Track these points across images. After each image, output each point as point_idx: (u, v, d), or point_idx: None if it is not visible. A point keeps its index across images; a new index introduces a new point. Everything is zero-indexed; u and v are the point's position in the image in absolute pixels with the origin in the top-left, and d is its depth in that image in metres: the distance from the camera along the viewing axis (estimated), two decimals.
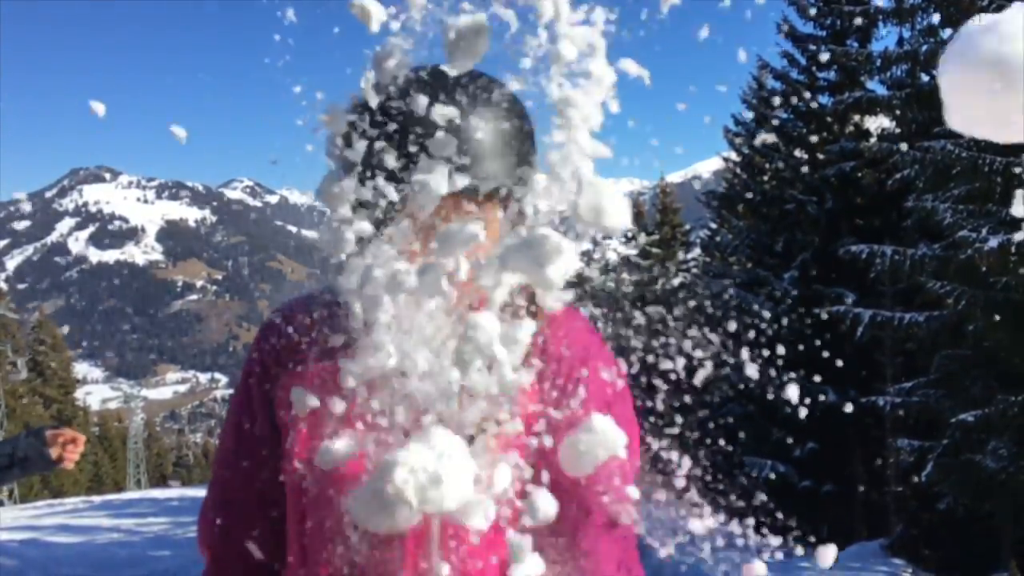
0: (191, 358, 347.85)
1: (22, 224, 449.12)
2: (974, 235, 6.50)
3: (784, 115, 15.61)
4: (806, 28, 15.21)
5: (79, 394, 47.85)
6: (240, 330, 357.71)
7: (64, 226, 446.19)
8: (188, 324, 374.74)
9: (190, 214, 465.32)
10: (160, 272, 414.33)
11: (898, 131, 12.93)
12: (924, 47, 10.81)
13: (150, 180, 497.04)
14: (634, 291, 23.57)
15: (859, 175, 13.89)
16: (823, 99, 15.09)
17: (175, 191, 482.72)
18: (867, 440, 13.45)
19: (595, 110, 1.01)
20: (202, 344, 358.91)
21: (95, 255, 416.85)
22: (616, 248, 26.32)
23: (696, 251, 23.44)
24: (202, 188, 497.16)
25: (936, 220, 7.42)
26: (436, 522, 1.10)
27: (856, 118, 14.58)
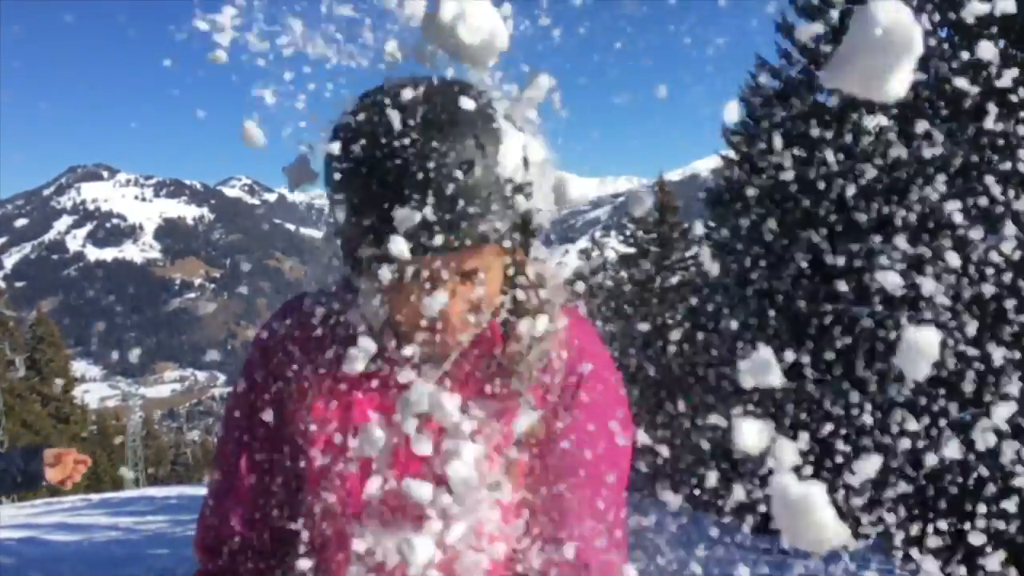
0: (189, 356, 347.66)
1: (20, 222, 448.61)
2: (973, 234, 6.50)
3: (782, 113, 15.62)
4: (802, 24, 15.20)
5: (77, 392, 47.81)
6: (238, 328, 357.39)
7: (62, 224, 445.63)
8: (186, 322, 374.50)
9: (188, 212, 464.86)
10: (158, 270, 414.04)
11: (896, 129, 12.93)
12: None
13: (148, 178, 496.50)
14: (633, 289, 23.56)
15: (858, 173, 13.91)
16: (821, 97, 15.10)
17: (173, 189, 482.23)
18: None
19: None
20: (201, 342, 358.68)
21: (93, 253, 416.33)
22: (615, 246, 26.31)
23: (695, 249, 23.43)
24: (200, 186, 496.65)
25: (935, 219, 7.43)
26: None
27: (855, 116, 14.58)
